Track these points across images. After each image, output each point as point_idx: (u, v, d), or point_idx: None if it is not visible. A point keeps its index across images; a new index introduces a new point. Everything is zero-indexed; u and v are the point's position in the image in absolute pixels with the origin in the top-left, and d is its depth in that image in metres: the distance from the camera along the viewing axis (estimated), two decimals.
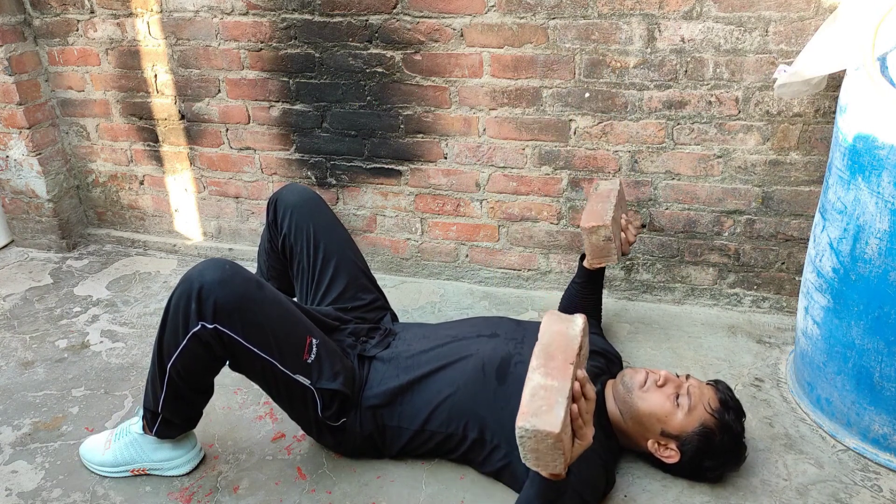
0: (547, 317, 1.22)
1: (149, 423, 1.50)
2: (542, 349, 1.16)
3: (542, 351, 1.16)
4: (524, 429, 1.07)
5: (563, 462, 1.10)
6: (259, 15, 2.17)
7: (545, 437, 1.06)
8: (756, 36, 1.80)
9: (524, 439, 1.08)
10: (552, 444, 1.07)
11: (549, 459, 1.10)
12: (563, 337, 1.18)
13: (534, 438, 1.07)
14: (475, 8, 1.97)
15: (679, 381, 1.47)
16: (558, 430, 1.05)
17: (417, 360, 1.54)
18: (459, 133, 2.15)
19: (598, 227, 1.66)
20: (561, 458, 1.09)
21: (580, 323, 1.20)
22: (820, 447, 1.60)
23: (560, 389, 1.10)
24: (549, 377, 1.12)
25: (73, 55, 2.44)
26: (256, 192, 2.47)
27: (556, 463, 1.10)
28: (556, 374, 1.12)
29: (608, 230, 1.65)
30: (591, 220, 1.67)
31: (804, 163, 1.91)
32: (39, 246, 2.68)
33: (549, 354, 1.15)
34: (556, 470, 1.11)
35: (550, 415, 1.07)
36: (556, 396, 1.09)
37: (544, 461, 1.10)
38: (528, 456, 1.11)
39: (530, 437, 1.07)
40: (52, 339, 2.10)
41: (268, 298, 1.39)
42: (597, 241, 1.68)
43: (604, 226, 1.65)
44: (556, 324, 1.20)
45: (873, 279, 1.45)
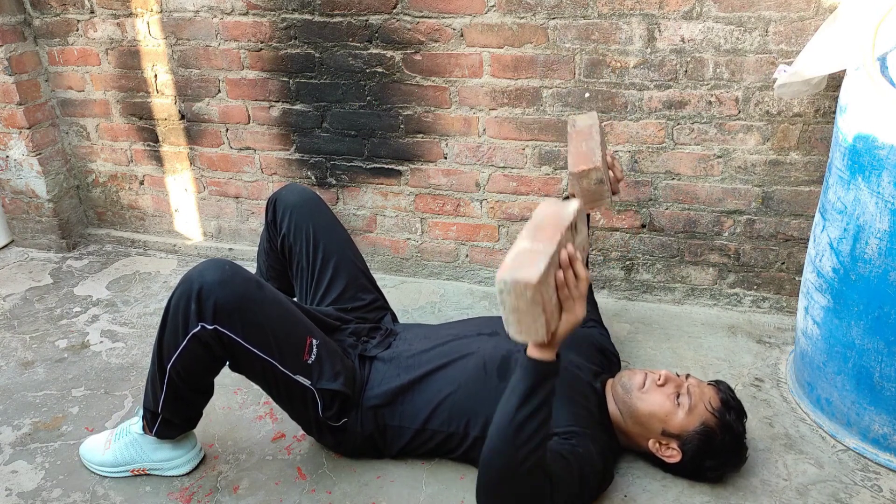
0: (541, 204, 1.19)
1: (149, 423, 1.50)
2: (532, 224, 1.14)
3: (531, 225, 1.13)
4: (503, 281, 1.04)
5: (545, 327, 1.07)
6: (259, 15, 2.17)
7: (523, 289, 1.03)
8: (756, 36, 1.80)
9: (504, 295, 1.05)
10: (531, 299, 1.03)
11: (529, 321, 1.06)
12: (556, 216, 1.15)
13: (513, 293, 1.04)
14: (475, 8, 1.97)
15: (679, 381, 1.47)
16: (535, 280, 1.02)
17: (418, 359, 1.54)
18: (459, 133, 2.15)
19: (589, 171, 1.49)
20: (542, 319, 1.06)
21: (574, 204, 1.17)
22: (820, 447, 1.60)
23: (544, 251, 1.07)
24: (535, 242, 1.09)
25: (73, 55, 2.45)
26: (256, 192, 2.47)
27: (538, 326, 1.07)
28: (543, 240, 1.09)
29: (599, 172, 1.49)
30: (580, 164, 1.50)
31: (804, 163, 1.91)
32: (39, 246, 2.68)
33: (539, 226, 1.13)
34: (539, 336, 1.08)
35: (530, 268, 1.04)
36: (538, 255, 1.06)
37: (525, 323, 1.07)
38: (509, 318, 1.07)
39: (509, 292, 1.04)
40: (52, 339, 2.10)
41: (268, 299, 1.39)
42: (588, 186, 1.52)
43: (595, 168, 1.48)
44: (550, 206, 1.18)
45: (873, 279, 1.45)
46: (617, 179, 1.62)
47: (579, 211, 1.18)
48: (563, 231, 1.12)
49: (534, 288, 1.02)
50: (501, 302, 1.06)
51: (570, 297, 1.13)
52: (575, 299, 1.13)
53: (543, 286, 1.05)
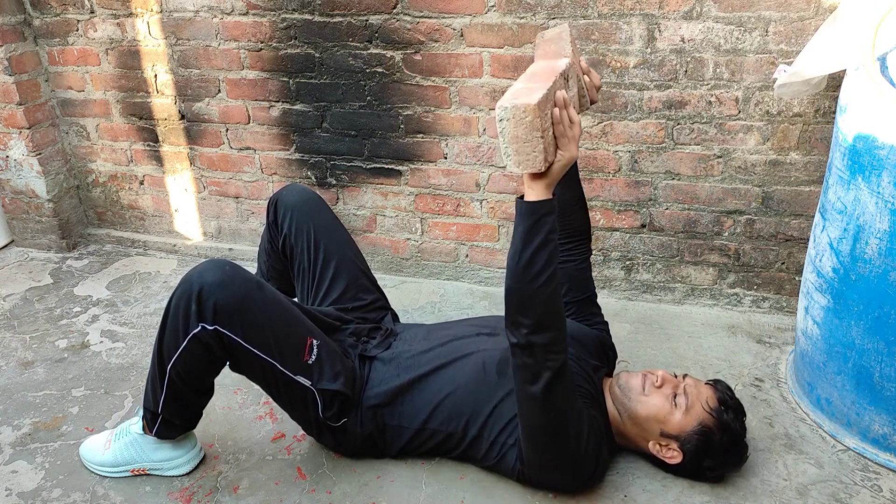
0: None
1: (149, 423, 1.50)
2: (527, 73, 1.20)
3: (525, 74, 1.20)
4: (503, 108, 1.08)
5: (543, 155, 1.11)
6: (259, 15, 2.17)
7: (523, 113, 1.07)
8: (756, 36, 1.80)
9: (504, 123, 1.09)
10: (530, 124, 1.08)
11: (528, 149, 1.11)
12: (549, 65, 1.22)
13: (513, 119, 1.08)
14: (475, 8, 1.97)
15: (676, 381, 1.47)
16: (535, 103, 1.06)
17: (418, 360, 1.54)
18: (459, 133, 2.15)
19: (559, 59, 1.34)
20: (540, 146, 1.10)
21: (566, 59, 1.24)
22: (820, 447, 1.60)
23: (541, 86, 1.12)
24: (532, 81, 1.15)
25: (72, 55, 2.44)
26: (256, 192, 2.47)
27: (536, 153, 1.11)
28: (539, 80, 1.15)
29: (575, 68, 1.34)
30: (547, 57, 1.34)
31: (804, 163, 1.91)
32: (39, 246, 2.68)
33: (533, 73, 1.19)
34: (537, 165, 1.14)
35: (529, 96, 1.09)
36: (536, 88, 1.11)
37: (525, 153, 1.11)
38: (508, 149, 1.12)
39: (509, 119, 1.08)
40: (52, 339, 2.10)
41: (268, 299, 1.39)
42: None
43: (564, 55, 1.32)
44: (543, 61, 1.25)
45: (873, 279, 1.45)
46: (595, 86, 1.44)
47: (571, 65, 1.23)
48: (556, 75, 1.17)
49: (533, 111, 1.07)
50: (501, 132, 1.10)
51: (565, 134, 1.18)
52: (570, 138, 1.20)
53: (542, 112, 1.09)
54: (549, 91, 1.13)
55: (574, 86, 1.27)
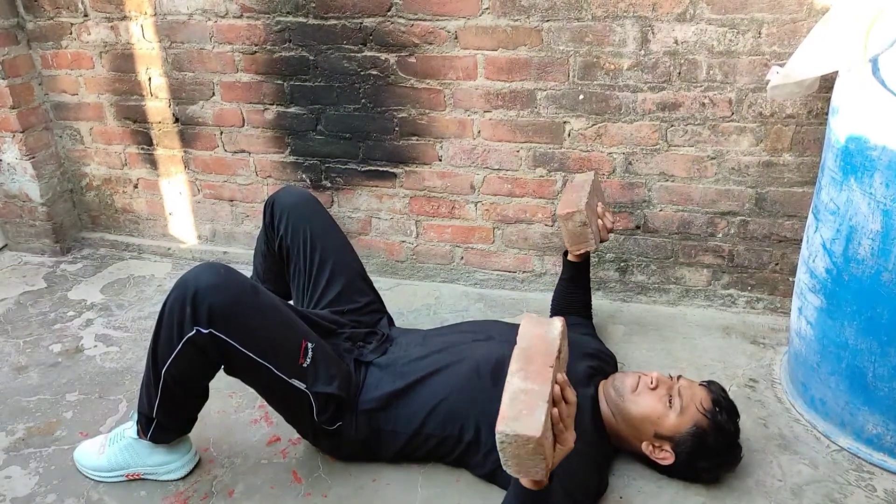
0: (525, 320, 1.21)
1: (143, 427, 1.49)
2: (521, 352, 1.15)
3: (520, 354, 1.15)
4: (504, 433, 1.05)
5: (545, 468, 1.09)
6: (253, 18, 2.17)
7: (526, 441, 1.05)
8: (749, 38, 1.81)
9: (504, 444, 1.06)
10: (533, 450, 1.05)
11: (530, 465, 1.08)
12: (542, 340, 1.17)
13: (514, 444, 1.06)
14: (469, 10, 1.98)
15: (670, 383, 1.47)
16: (539, 434, 1.04)
17: (413, 366, 1.54)
18: (454, 135, 2.15)
19: (572, 213, 1.70)
20: (542, 463, 1.08)
21: (558, 326, 1.19)
22: (814, 447, 1.60)
23: (540, 393, 1.09)
24: (529, 381, 1.10)
25: (66, 58, 2.44)
26: (251, 195, 2.46)
27: (538, 469, 1.09)
28: (536, 378, 1.11)
29: (583, 215, 1.70)
30: (565, 208, 1.72)
31: (797, 164, 1.91)
32: (33, 250, 2.67)
33: (528, 358, 1.14)
34: (538, 476, 1.10)
35: (531, 419, 1.05)
36: (536, 400, 1.08)
37: (525, 467, 1.09)
38: (508, 462, 1.09)
39: (511, 443, 1.06)
40: (46, 344, 2.09)
41: (263, 303, 1.39)
42: (573, 228, 1.73)
43: (578, 211, 1.70)
44: (535, 327, 1.19)
45: (866, 280, 1.46)
46: (607, 229, 1.79)
47: (563, 331, 1.19)
48: (552, 363, 1.13)
49: (536, 441, 1.04)
50: (501, 450, 1.08)
51: (563, 430, 1.13)
52: (568, 428, 1.14)
53: (544, 436, 1.07)
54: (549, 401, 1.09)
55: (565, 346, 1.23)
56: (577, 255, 1.82)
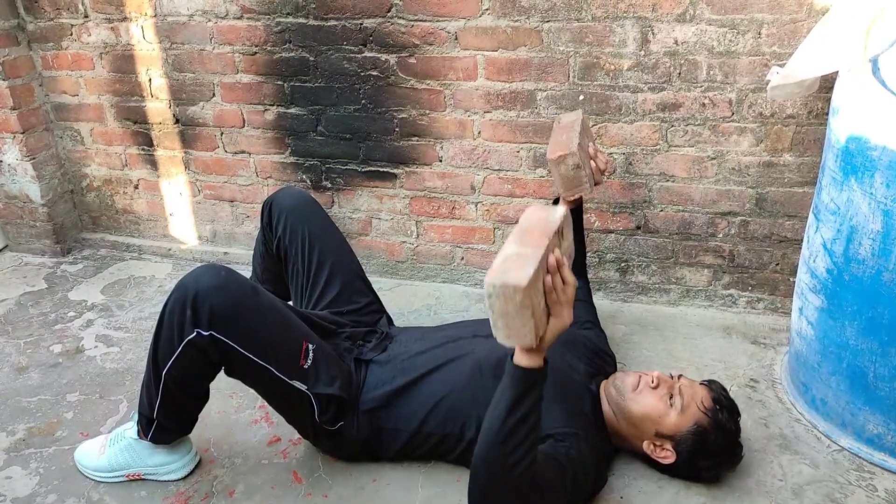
0: (529, 208, 1.21)
1: (144, 428, 1.49)
2: (519, 229, 1.15)
3: (518, 230, 1.14)
4: (492, 285, 1.04)
5: (534, 331, 1.07)
6: (253, 19, 2.17)
7: (513, 292, 1.03)
8: (749, 38, 1.81)
9: (492, 299, 1.05)
10: (520, 303, 1.04)
11: (518, 325, 1.07)
12: (543, 220, 1.16)
13: (502, 297, 1.04)
14: (469, 11, 1.98)
15: (671, 382, 1.48)
16: (525, 283, 1.02)
17: (413, 362, 1.54)
18: (454, 136, 2.15)
19: (564, 156, 1.57)
20: (531, 323, 1.06)
21: (561, 210, 1.19)
22: (815, 447, 1.60)
23: (533, 255, 1.08)
24: (523, 246, 1.10)
25: (66, 59, 2.44)
26: (251, 195, 2.46)
27: (527, 330, 1.07)
28: (530, 244, 1.10)
29: (576, 157, 1.56)
30: (556, 150, 1.58)
31: (797, 164, 1.91)
32: (34, 251, 2.67)
33: (526, 231, 1.14)
34: (527, 340, 1.09)
35: (519, 272, 1.04)
36: (527, 259, 1.07)
37: (514, 327, 1.07)
38: (497, 322, 1.08)
39: (498, 296, 1.04)
40: (47, 344, 2.10)
41: (263, 304, 1.39)
42: (566, 172, 1.59)
43: (570, 153, 1.56)
44: (537, 212, 1.19)
45: (867, 280, 1.46)
46: (600, 170, 1.64)
47: (565, 216, 1.19)
48: (550, 236, 1.12)
49: (523, 292, 1.03)
50: (490, 306, 1.06)
51: (557, 301, 1.13)
52: (563, 304, 1.13)
53: (532, 290, 1.05)
54: (540, 262, 1.08)
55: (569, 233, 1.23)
56: (571, 202, 1.72)
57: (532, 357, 1.15)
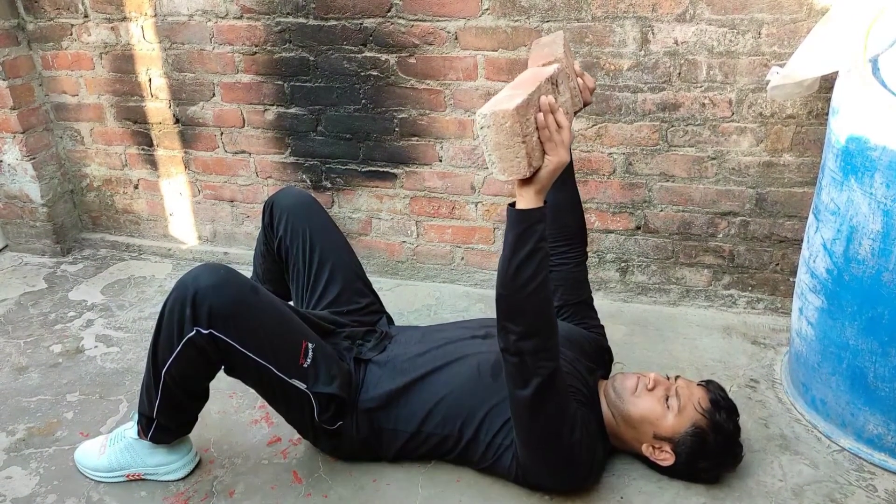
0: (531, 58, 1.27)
1: (144, 428, 1.49)
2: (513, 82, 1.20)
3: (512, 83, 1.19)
4: (482, 115, 1.07)
5: (527, 160, 1.11)
6: (253, 19, 2.17)
7: (502, 118, 1.06)
8: (749, 38, 1.81)
9: (484, 130, 1.08)
10: (510, 129, 1.07)
11: (511, 156, 1.10)
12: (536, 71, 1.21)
13: (493, 126, 1.07)
14: (469, 11, 1.98)
15: (668, 383, 1.47)
16: (513, 108, 1.05)
17: (413, 362, 1.54)
18: (454, 136, 2.15)
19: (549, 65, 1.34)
20: (522, 151, 1.09)
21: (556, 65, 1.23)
22: (815, 448, 1.60)
23: (524, 92, 1.11)
24: (515, 88, 1.14)
25: (66, 59, 2.44)
26: (251, 195, 2.46)
27: (519, 159, 1.10)
28: (523, 87, 1.14)
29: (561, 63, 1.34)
30: (539, 60, 1.36)
31: (797, 164, 1.91)
32: (34, 251, 2.67)
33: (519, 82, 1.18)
34: (521, 170, 1.12)
35: (509, 102, 1.08)
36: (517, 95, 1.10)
37: (508, 159, 1.10)
38: (492, 157, 1.11)
39: (489, 126, 1.08)
40: (47, 344, 2.10)
41: (263, 303, 1.39)
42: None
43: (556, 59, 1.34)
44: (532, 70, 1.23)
45: (867, 280, 1.46)
46: (589, 88, 1.46)
47: (560, 70, 1.22)
48: (541, 81, 1.15)
49: (512, 117, 1.06)
50: (483, 140, 1.10)
51: (551, 139, 1.16)
52: (557, 143, 1.17)
53: (522, 118, 1.08)
54: (530, 96, 1.12)
55: (566, 91, 1.26)
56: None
57: (530, 198, 1.19)
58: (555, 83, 1.21)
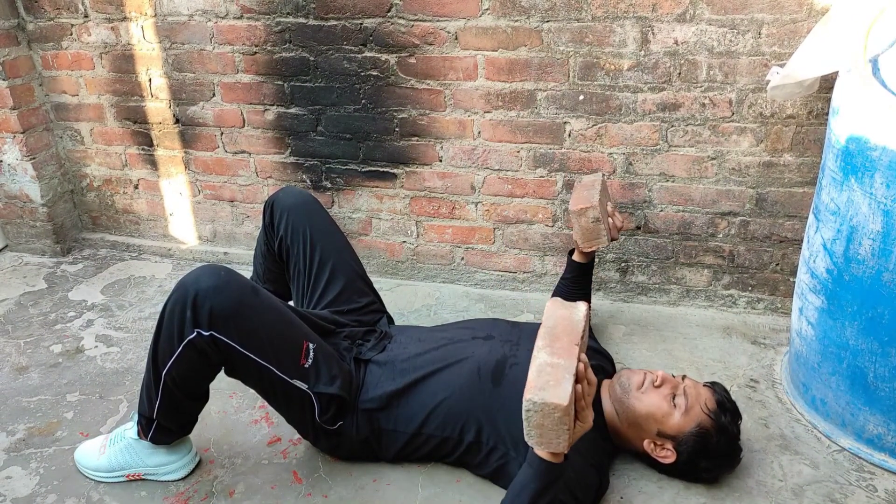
0: (550, 303, 1.26)
1: (144, 428, 1.49)
2: (547, 332, 1.19)
3: (546, 333, 1.19)
4: (532, 402, 1.08)
5: (567, 440, 1.12)
6: (253, 19, 2.17)
7: (553, 410, 1.08)
8: (749, 38, 1.81)
9: (531, 413, 1.09)
10: (559, 419, 1.08)
11: (552, 436, 1.11)
12: (567, 321, 1.21)
13: (541, 412, 1.09)
14: (469, 11, 1.98)
15: (675, 382, 1.47)
16: (566, 402, 1.07)
17: (413, 363, 1.54)
18: (454, 136, 2.15)
19: (586, 209, 1.73)
20: (566, 434, 1.11)
21: (583, 309, 1.24)
22: (815, 448, 1.60)
23: (566, 367, 1.13)
24: (555, 356, 1.14)
25: (66, 59, 2.44)
26: (251, 195, 2.46)
27: (560, 440, 1.11)
28: (562, 354, 1.15)
29: (596, 211, 1.72)
30: (579, 203, 1.74)
31: (798, 164, 1.91)
32: (34, 251, 2.67)
33: (555, 336, 1.18)
34: (559, 448, 1.13)
35: (559, 389, 1.09)
36: (562, 373, 1.11)
37: (548, 437, 1.12)
38: (532, 432, 1.12)
39: (538, 411, 1.09)
40: (47, 344, 2.10)
41: (264, 304, 1.39)
42: (586, 224, 1.74)
43: (592, 207, 1.72)
44: (560, 309, 1.24)
45: (867, 280, 1.46)
46: (617, 228, 1.81)
47: (586, 315, 1.24)
48: (578, 342, 1.17)
49: (563, 409, 1.08)
50: (527, 419, 1.11)
51: (584, 407, 1.17)
52: (586, 408, 1.18)
53: (571, 408, 1.10)
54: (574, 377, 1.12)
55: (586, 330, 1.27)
56: (586, 254, 1.84)
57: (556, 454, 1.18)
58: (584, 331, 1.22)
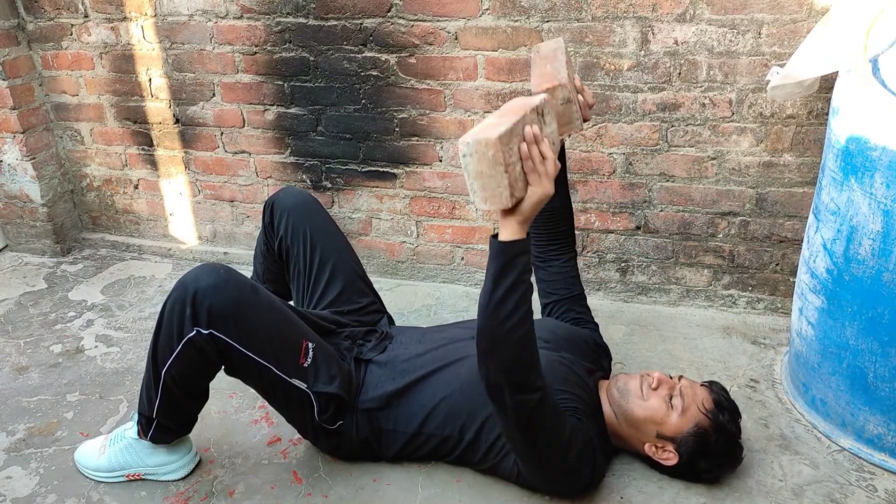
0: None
1: (143, 428, 1.49)
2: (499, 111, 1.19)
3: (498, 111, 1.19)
4: (465, 143, 1.08)
5: (509, 191, 1.10)
6: (253, 19, 2.17)
7: (485, 147, 1.06)
8: (749, 38, 1.81)
9: (467, 158, 1.08)
10: (492, 158, 1.07)
11: (493, 185, 1.10)
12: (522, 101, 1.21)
13: (475, 154, 1.07)
14: (469, 11, 1.98)
15: (672, 383, 1.47)
16: (495, 137, 1.05)
17: (413, 363, 1.54)
18: (454, 136, 2.15)
19: (554, 88, 1.35)
20: (505, 181, 1.09)
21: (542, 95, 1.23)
22: (815, 448, 1.60)
23: (508, 121, 1.11)
24: (501, 117, 1.14)
25: (66, 59, 2.44)
26: (251, 195, 2.46)
27: (501, 189, 1.10)
28: (508, 116, 1.14)
29: (566, 90, 1.36)
30: (544, 83, 1.35)
31: (798, 164, 1.91)
32: (34, 251, 2.67)
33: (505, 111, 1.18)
34: (503, 201, 1.11)
35: (493, 130, 1.08)
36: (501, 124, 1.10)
37: (490, 189, 1.11)
38: (474, 186, 1.11)
39: (472, 154, 1.08)
40: (47, 344, 2.10)
41: (263, 303, 1.39)
42: (556, 107, 1.36)
43: (560, 85, 1.35)
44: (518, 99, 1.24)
45: (867, 280, 1.46)
46: (588, 104, 1.46)
47: (546, 100, 1.22)
48: (527, 111, 1.15)
49: (495, 146, 1.06)
50: (465, 168, 1.09)
51: (535, 170, 1.15)
52: (541, 174, 1.15)
53: (505, 147, 1.08)
54: (514, 125, 1.10)
55: (552, 121, 1.24)
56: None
57: (513, 229, 1.18)
58: (541, 113, 1.19)
